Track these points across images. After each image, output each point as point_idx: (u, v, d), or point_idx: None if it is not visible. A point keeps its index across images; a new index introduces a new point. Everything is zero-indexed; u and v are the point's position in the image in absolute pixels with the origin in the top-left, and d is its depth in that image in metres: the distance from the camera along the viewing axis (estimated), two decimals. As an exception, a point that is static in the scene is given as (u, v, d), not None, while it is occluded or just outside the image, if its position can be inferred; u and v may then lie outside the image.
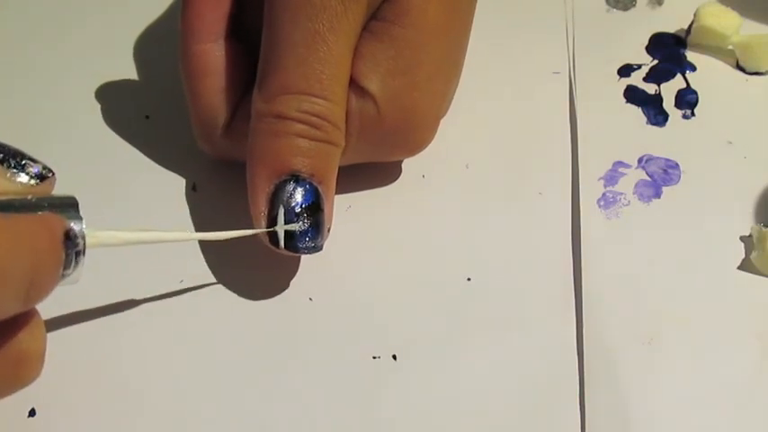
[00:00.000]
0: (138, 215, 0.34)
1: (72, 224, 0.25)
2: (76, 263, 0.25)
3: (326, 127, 0.30)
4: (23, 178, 0.25)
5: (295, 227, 0.30)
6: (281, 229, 0.30)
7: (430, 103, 0.32)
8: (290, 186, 0.30)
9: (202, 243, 0.33)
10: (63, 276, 0.25)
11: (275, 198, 0.30)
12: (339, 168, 0.33)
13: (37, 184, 0.25)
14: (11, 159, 0.25)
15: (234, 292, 0.32)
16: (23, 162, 0.25)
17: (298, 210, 0.30)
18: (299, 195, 0.30)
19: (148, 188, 0.34)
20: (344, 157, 0.32)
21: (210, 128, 0.33)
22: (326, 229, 0.31)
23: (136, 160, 0.35)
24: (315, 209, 0.30)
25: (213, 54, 0.32)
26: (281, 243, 0.30)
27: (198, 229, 0.33)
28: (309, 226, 0.30)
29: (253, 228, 0.30)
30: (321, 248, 0.30)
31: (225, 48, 0.32)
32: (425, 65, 0.31)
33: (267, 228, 0.30)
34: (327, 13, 0.30)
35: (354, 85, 0.31)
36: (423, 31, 0.31)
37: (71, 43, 0.40)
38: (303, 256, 0.32)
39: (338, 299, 0.32)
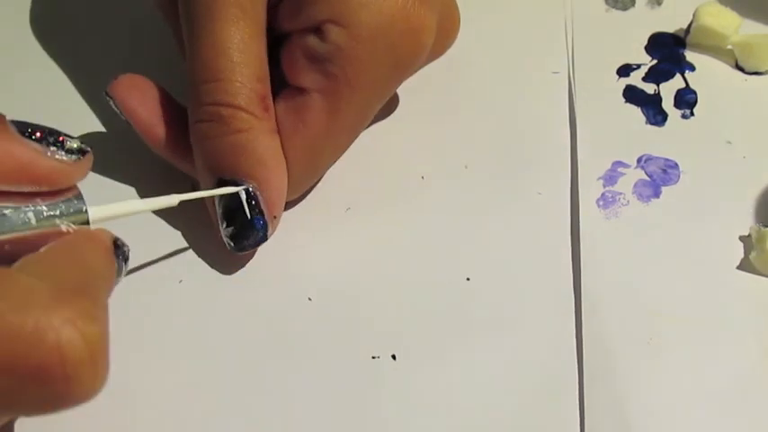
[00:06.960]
0: (137, 214, 0.33)
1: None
2: (125, 267, 0.27)
3: (226, 117, 0.30)
4: (64, 155, 0.25)
5: (228, 232, 0.31)
6: (225, 238, 0.31)
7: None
8: (218, 197, 0.31)
9: (202, 245, 0.33)
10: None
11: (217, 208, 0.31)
12: (336, 167, 0.33)
13: (78, 159, 0.26)
14: (49, 137, 0.25)
15: (233, 292, 0.32)
16: (61, 139, 0.25)
17: (221, 217, 0.31)
18: (220, 204, 0.31)
19: (148, 188, 0.34)
20: (360, 84, 0.30)
21: (151, 143, 0.33)
22: (272, 217, 0.31)
23: (136, 160, 0.35)
24: (235, 211, 0.31)
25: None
26: (229, 249, 0.31)
27: (197, 229, 0.33)
28: (236, 229, 0.31)
29: None
30: (265, 239, 0.31)
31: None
32: None
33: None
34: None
35: (309, 28, 0.30)
36: None
37: (71, 43, 0.40)
38: (303, 257, 0.33)
39: (338, 299, 0.32)
